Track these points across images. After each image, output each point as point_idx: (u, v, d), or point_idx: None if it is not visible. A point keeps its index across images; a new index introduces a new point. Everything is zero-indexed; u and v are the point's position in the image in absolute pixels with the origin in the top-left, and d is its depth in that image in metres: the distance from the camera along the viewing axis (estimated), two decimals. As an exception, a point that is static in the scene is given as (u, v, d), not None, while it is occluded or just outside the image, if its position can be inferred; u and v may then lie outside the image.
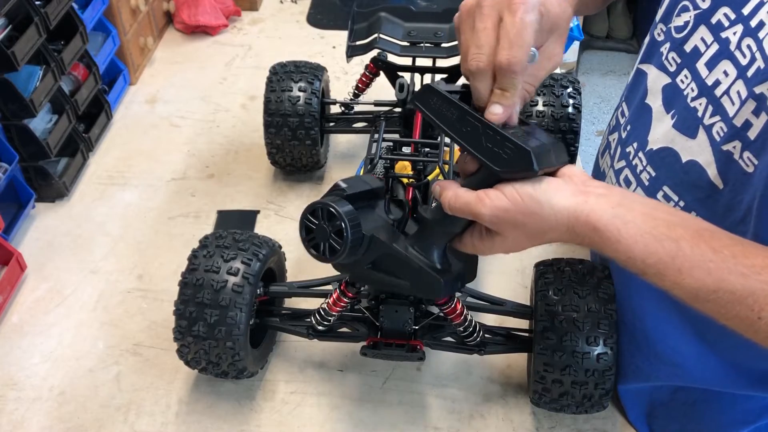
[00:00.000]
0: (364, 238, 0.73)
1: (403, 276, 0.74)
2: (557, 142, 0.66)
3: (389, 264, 0.74)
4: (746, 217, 0.69)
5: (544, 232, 0.65)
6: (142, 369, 0.99)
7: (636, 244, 0.62)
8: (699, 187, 0.74)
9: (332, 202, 0.71)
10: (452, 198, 0.66)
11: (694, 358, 0.81)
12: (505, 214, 0.63)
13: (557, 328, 0.84)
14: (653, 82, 0.82)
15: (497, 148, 0.62)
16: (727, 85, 0.70)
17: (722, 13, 0.71)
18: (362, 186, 0.76)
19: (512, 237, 0.66)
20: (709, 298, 0.61)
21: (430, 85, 0.67)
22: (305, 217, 0.73)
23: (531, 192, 0.63)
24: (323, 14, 1.77)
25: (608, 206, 0.63)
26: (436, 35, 1.16)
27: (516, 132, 0.64)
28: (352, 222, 0.71)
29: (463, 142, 0.65)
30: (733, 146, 0.69)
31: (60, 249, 1.17)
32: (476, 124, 0.64)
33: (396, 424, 0.93)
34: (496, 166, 0.63)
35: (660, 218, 0.63)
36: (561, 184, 0.64)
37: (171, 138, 1.39)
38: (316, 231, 0.72)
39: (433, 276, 0.71)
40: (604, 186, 0.66)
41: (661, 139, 0.79)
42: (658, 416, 0.91)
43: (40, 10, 1.13)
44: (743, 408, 0.83)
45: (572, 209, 0.63)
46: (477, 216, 0.65)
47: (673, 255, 0.61)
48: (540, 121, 1.15)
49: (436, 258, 0.72)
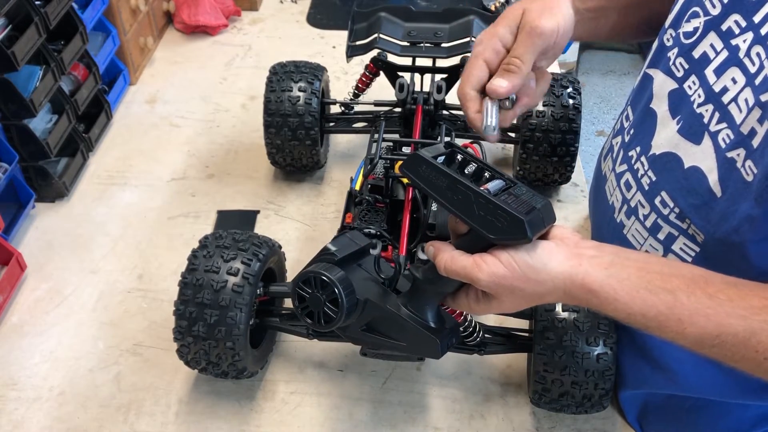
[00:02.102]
0: (358, 303, 0.72)
1: (399, 337, 0.73)
2: (545, 202, 0.66)
3: (384, 325, 0.73)
4: (741, 227, 0.69)
5: (541, 295, 0.66)
6: (142, 369, 0.99)
7: (633, 300, 0.63)
8: (697, 194, 0.74)
9: (324, 270, 0.71)
10: (448, 261, 0.66)
11: (690, 365, 0.81)
12: (502, 281, 0.64)
13: (557, 328, 0.84)
14: (659, 87, 0.82)
15: (490, 216, 0.63)
16: (735, 93, 0.69)
17: (733, 20, 0.71)
18: (351, 247, 0.76)
19: (508, 300, 0.67)
20: (714, 344, 0.61)
21: (418, 155, 0.66)
22: (297, 286, 0.73)
23: (527, 259, 0.63)
24: (323, 14, 1.77)
25: (601, 267, 0.64)
26: (436, 35, 1.16)
27: (506, 198, 0.64)
28: (346, 289, 0.71)
29: (456, 210, 0.65)
30: (737, 153, 0.69)
31: (60, 249, 1.17)
32: (467, 192, 0.64)
33: (396, 424, 0.93)
34: (490, 234, 0.63)
35: (654, 271, 0.64)
36: (554, 248, 0.65)
37: (171, 138, 1.39)
38: (310, 300, 0.72)
39: (430, 337, 0.71)
40: (595, 246, 0.67)
41: (664, 144, 0.79)
42: (652, 420, 0.91)
43: (40, 10, 1.13)
44: (737, 417, 0.83)
45: (567, 274, 0.64)
46: (474, 281, 0.65)
47: (671, 306, 0.62)
48: (540, 121, 1.15)
49: (430, 317, 0.72)
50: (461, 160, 0.69)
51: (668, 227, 0.78)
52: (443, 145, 0.70)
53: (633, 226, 0.83)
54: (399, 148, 1.04)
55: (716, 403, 0.83)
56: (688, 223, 0.75)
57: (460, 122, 1.18)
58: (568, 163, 1.19)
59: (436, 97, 1.13)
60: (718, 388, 0.80)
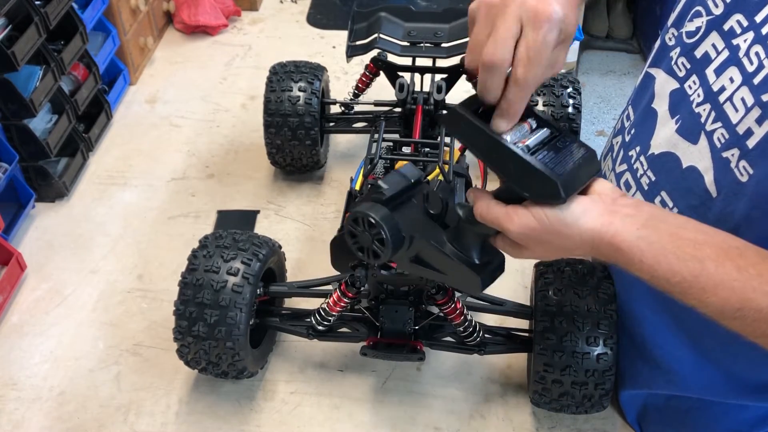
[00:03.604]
0: (404, 240, 0.75)
1: (444, 270, 0.75)
2: (587, 155, 0.66)
3: (431, 258, 0.75)
4: (739, 228, 0.68)
5: (569, 249, 0.67)
6: (142, 369, 0.99)
7: (659, 264, 0.62)
8: (694, 194, 0.74)
9: (370, 211, 0.73)
10: (484, 209, 0.67)
11: (689, 365, 0.81)
12: (531, 233, 0.65)
13: (557, 328, 0.84)
14: (661, 86, 0.81)
15: (525, 176, 0.64)
16: (731, 92, 0.69)
17: (735, 20, 0.71)
18: (402, 183, 0.77)
19: (538, 251, 0.68)
20: (735, 316, 0.61)
21: (456, 110, 0.67)
22: (349, 224, 0.75)
23: (559, 214, 0.64)
24: (323, 14, 1.78)
25: (634, 228, 0.63)
26: (436, 35, 1.16)
27: (544, 156, 0.64)
28: (391, 229, 0.73)
29: (493, 166, 0.66)
30: (731, 153, 0.69)
31: (60, 249, 1.17)
32: (504, 151, 0.64)
33: (396, 424, 0.93)
34: (525, 191, 0.64)
35: (686, 237, 0.63)
36: (589, 204, 0.65)
37: (171, 138, 1.39)
38: (359, 237, 0.75)
39: (472, 274, 0.73)
40: (634, 204, 0.66)
41: (663, 144, 0.79)
42: (651, 421, 0.91)
43: (40, 10, 1.13)
44: (737, 418, 0.83)
45: (597, 230, 0.64)
46: (505, 231, 0.66)
47: (696, 274, 0.61)
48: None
49: (474, 254, 0.73)
50: None
51: None
52: (477, 98, 0.69)
53: None
54: (399, 148, 1.04)
55: (715, 404, 0.83)
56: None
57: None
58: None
59: (436, 97, 1.13)
60: (718, 388, 0.80)
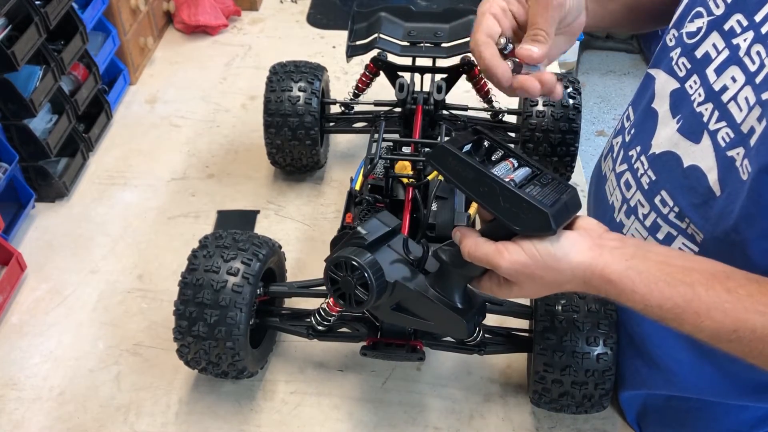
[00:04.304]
0: (387, 285, 0.74)
1: (428, 317, 0.75)
2: (572, 191, 0.67)
3: (413, 305, 0.75)
4: (739, 225, 0.69)
5: (560, 284, 0.67)
6: (142, 369, 0.99)
7: (651, 292, 0.63)
8: (696, 192, 0.74)
9: (354, 255, 0.73)
10: (472, 247, 0.67)
11: (689, 365, 0.81)
12: (523, 269, 0.65)
13: (557, 328, 0.84)
14: (661, 86, 0.82)
15: (515, 208, 0.64)
16: (734, 91, 0.69)
17: (735, 19, 0.71)
18: (381, 229, 0.77)
19: (529, 287, 0.68)
20: (731, 339, 0.61)
21: (444, 147, 0.67)
22: (330, 269, 0.75)
23: (549, 249, 0.64)
24: (323, 14, 1.78)
25: (623, 259, 0.64)
26: (436, 35, 1.16)
27: (532, 189, 0.65)
28: (375, 273, 0.73)
29: (482, 201, 0.66)
30: (737, 152, 0.69)
31: (60, 249, 1.17)
32: (493, 185, 0.65)
33: (396, 424, 0.93)
34: (515, 225, 0.64)
35: (674, 265, 0.64)
36: (577, 238, 0.66)
37: (171, 138, 1.39)
38: (341, 282, 0.74)
39: (457, 318, 0.73)
40: (619, 238, 0.67)
41: (664, 143, 0.79)
42: (651, 421, 0.91)
43: (40, 10, 1.13)
44: (737, 418, 0.83)
45: (587, 264, 0.65)
46: (496, 268, 0.66)
47: (688, 299, 0.62)
48: (540, 121, 1.15)
49: (457, 298, 0.73)
50: (488, 146, 0.70)
51: (667, 227, 0.78)
52: (471, 131, 0.71)
53: (633, 226, 0.83)
54: (399, 148, 1.04)
55: (715, 404, 0.83)
56: (687, 222, 0.75)
57: (461, 122, 1.18)
58: (568, 163, 1.19)
59: (436, 97, 1.13)
60: (717, 388, 0.80)
